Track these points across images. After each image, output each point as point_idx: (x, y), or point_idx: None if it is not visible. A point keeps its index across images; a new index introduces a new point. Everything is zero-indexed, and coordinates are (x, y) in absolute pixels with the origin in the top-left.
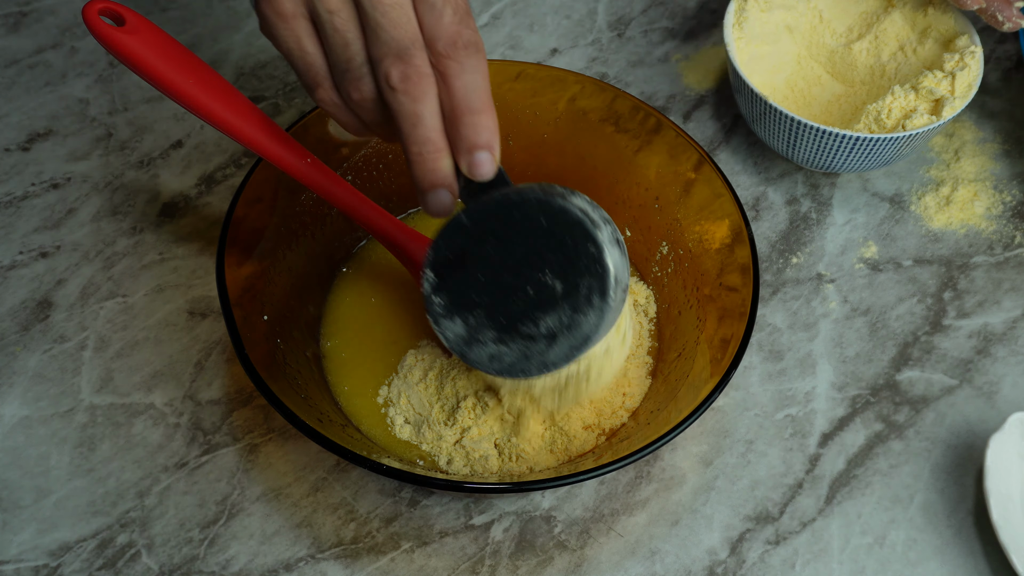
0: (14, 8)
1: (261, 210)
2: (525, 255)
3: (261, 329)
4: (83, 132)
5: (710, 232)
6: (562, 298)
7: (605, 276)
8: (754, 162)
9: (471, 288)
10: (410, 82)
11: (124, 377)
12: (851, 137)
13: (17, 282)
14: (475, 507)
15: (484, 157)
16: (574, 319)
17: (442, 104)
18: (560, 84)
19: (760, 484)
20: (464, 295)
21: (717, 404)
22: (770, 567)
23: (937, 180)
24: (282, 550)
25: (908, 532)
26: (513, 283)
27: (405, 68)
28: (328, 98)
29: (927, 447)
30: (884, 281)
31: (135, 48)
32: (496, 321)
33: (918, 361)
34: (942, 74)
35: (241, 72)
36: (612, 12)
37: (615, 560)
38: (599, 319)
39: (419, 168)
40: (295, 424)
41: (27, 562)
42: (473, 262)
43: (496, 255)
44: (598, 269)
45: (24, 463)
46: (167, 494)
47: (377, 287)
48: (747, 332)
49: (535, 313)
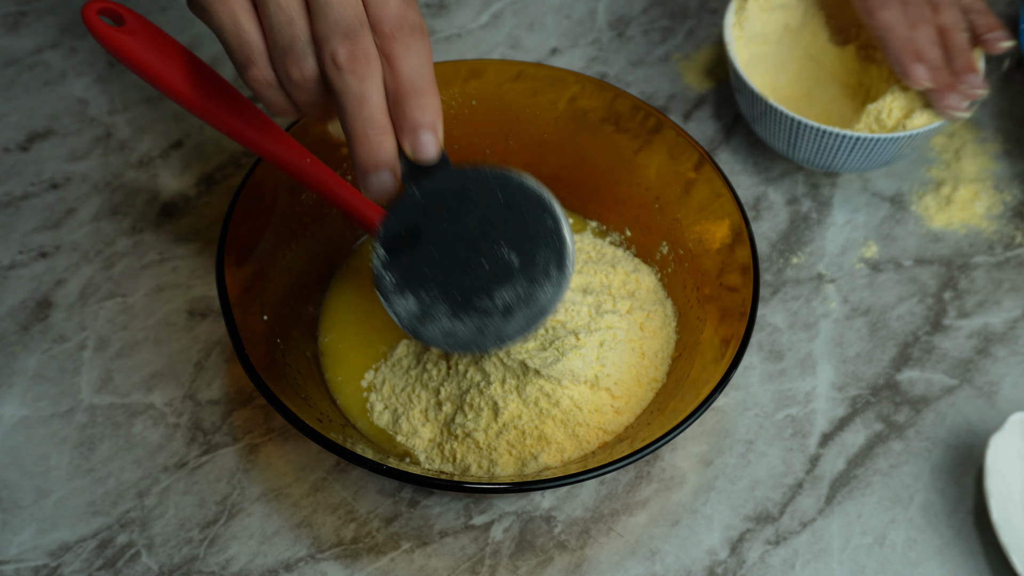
0: (14, 8)
1: (261, 210)
2: (481, 229)
3: (261, 329)
4: (83, 132)
5: (710, 232)
6: (519, 271)
7: (563, 248)
8: (754, 162)
9: (424, 263)
10: (357, 61)
11: (124, 377)
12: (852, 137)
13: (17, 282)
14: (475, 507)
15: (428, 138)
16: (530, 291)
17: (386, 86)
18: (560, 84)
19: (760, 484)
20: (416, 271)
21: (717, 404)
22: (770, 567)
23: (938, 180)
24: (282, 550)
25: (908, 532)
26: (468, 257)
27: (352, 48)
28: (261, 77)
29: (927, 447)
30: (884, 281)
31: (135, 48)
32: (450, 296)
33: (918, 361)
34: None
35: None
36: (612, 12)
37: (615, 560)
38: (556, 291)
39: (363, 149)
40: (295, 424)
41: (27, 562)
42: (427, 237)
43: (450, 229)
44: (555, 241)
45: (24, 463)
46: (167, 494)
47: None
48: (747, 332)
49: (491, 287)
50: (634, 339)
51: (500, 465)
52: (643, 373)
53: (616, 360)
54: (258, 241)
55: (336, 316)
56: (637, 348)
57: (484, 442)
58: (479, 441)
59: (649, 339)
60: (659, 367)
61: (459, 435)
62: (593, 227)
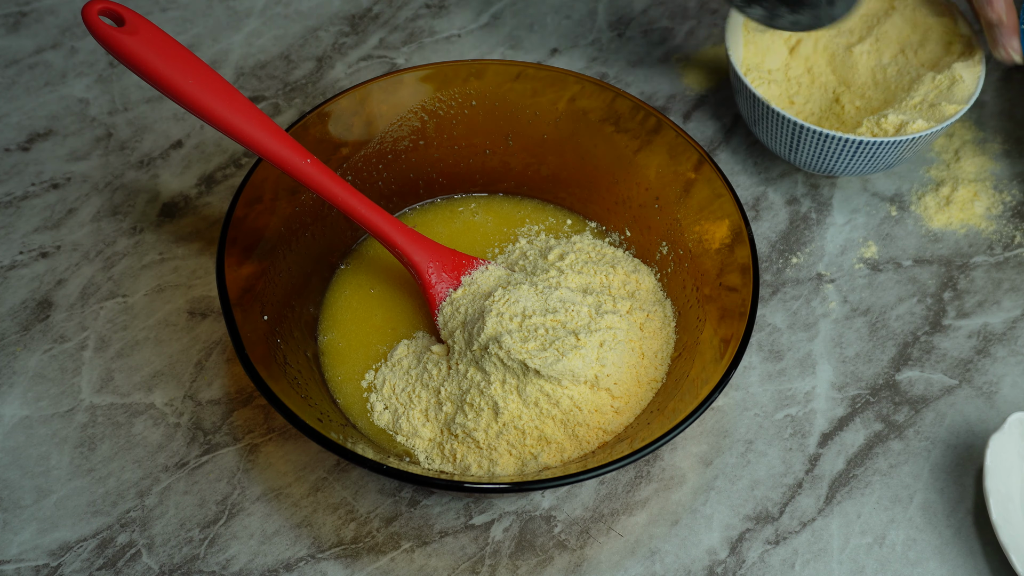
0: (14, 8)
1: (261, 210)
2: None
3: (261, 329)
4: (83, 132)
5: (710, 232)
6: None
7: None
8: (754, 162)
9: None
10: None
11: (124, 377)
12: (853, 141)
13: (17, 282)
14: (475, 507)
15: None
16: None
17: None
18: (560, 84)
19: (760, 484)
20: None
21: (717, 404)
22: (770, 567)
23: (937, 180)
24: (282, 550)
25: (908, 532)
26: None
27: None
28: None
29: (927, 447)
30: (884, 281)
31: (135, 48)
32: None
33: (918, 361)
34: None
35: (241, 72)
36: (612, 12)
37: (615, 560)
38: None
39: None
40: (295, 424)
41: (27, 562)
42: None
43: None
44: None
45: (24, 463)
46: (167, 494)
47: (375, 282)
48: (747, 332)
49: None
50: (634, 339)
51: (500, 465)
52: (643, 373)
53: (616, 360)
54: (258, 241)
55: (336, 316)
56: (637, 348)
57: (484, 442)
58: (479, 441)
59: (649, 339)
60: (659, 367)
61: (459, 435)
62: (593, 227)
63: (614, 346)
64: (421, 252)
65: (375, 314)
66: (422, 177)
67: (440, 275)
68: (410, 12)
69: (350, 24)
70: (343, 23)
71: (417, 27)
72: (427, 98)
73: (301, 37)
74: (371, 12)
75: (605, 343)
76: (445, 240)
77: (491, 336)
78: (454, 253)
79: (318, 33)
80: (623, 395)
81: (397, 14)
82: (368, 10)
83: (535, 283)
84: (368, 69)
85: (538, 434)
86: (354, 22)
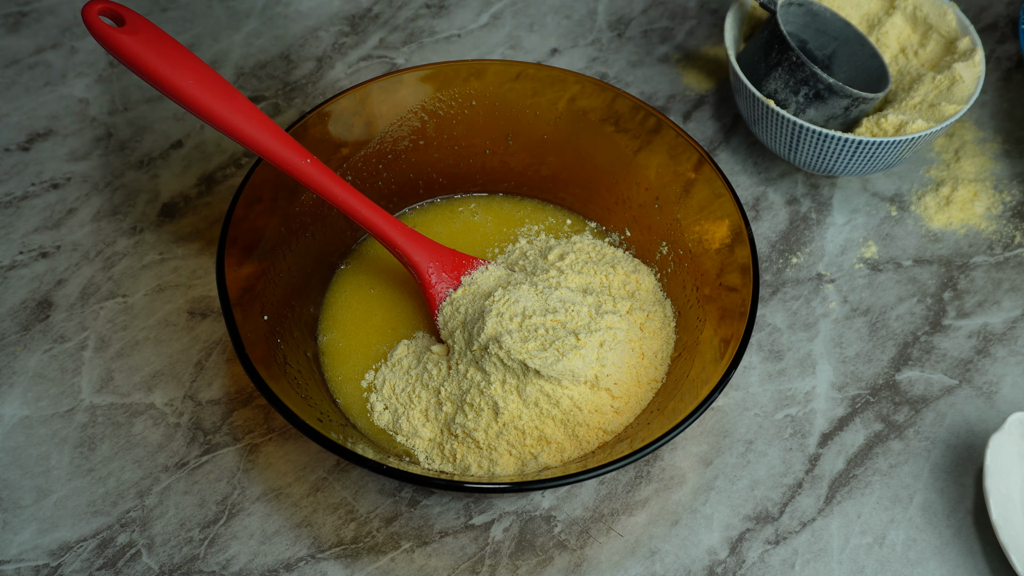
0: (14, 8)
1: (261, 210)
2: None
3: (261, 329)
4: (83, 132)
5: (710, 232)
6: None
7: None
8: (754, 162)
9: None
10: None
11: (124, 377)
12: (852, 141)
13: (17, 282)
14: (475, 507)
15: None
16: None
17: None
18: (560, 84)
19: (760, 484)
20: None
21: (717, 404)
22: (770, 567)
23: (937, 180)
24: (282, 550)
25: (908, 532)
26: None
27: None
28: None
29: (927, 447)
30: (884, 281)
31: (135, 48)
32: None
33: (918, 361)
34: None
35: (241, 72)
36: (612, 12)
37: (615, 560)
38: None
39: None
40: (295, 424)
41: (27, 562)
42: None
43: None
44: None
45: (24, 463)
46: (167, 494)
47: (375, 282)
48: (747, 332)
49: None
50: (634, 339)
51: (500, 465)
52: (643, 373)
53: (616, 360)
54: (258, 241)
55: (336, 316)
56: (637, 348)
57: (484, 442)
58: (479, 441)
59: (649, 339)
60: (659, 367)
61: (459, 435)
62: (593, 227)
63: (614, 346)
64: (421, 252)
65: (375, 314)
66: (422, 177)
67: (440, 275)
68: (410, 12)
69: (350, 24)
70: (343, 23)
71: (417, 27)
72: (427, 98)
73: (301, 37)
74: (371, 12)
75: (605, 343)
76: (445, 240)
77: (491, 336)
78: (454, 253)
79: (318, 33)
80: (623, 395)
81: (397, 14)
82: (368, 10)
83: (535, 283)
84: (368, 69)
85: (538, 434)
86: (354, 22)
